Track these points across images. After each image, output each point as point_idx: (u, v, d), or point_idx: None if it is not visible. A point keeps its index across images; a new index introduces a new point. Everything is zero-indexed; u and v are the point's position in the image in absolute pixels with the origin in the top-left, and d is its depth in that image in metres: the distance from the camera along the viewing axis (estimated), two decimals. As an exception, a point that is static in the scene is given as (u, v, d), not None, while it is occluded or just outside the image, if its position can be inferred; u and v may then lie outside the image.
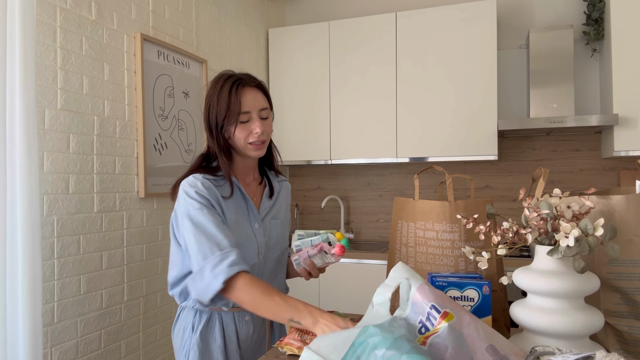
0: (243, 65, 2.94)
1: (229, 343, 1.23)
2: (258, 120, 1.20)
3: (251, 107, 1.19)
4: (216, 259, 1.07)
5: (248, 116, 1.19)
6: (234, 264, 1.06)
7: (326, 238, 1.21)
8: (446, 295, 0.82)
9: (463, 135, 2.79)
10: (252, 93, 1.20)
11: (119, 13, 1.95)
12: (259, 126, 1.19)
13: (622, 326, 0.94)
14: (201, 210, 1.13)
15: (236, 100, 1.17)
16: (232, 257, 1.08)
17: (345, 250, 1.17)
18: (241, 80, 1.20)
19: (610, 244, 0.81)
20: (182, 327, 1.26)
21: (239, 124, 1.19)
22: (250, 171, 1.31)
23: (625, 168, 2.83)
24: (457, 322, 0.77)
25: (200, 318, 1.23)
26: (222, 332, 1.23)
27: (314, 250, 1.20)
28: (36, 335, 1.43)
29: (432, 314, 0.78)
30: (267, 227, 1.30)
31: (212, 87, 1.22)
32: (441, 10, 2.83)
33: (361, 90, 3.00)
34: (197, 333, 1.22)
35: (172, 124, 2.23)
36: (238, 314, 1.25)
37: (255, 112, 1.20)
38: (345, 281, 2.78)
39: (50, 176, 1.64)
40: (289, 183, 1.46)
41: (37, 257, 1.45)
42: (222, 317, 1.24)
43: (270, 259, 1.29)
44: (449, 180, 1.16)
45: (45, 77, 1.63)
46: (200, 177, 1.19)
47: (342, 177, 3.40)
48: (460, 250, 1.12)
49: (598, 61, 2.85)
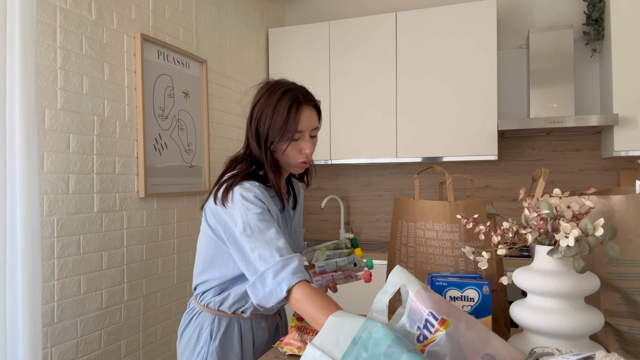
0: (243, 65, 2.94)
1: (246, 350, 1.23)
2: (309, 140, 1.17)
3: (306, 127, 1.16)
4: (278, 265, 1.03)
5: (300, 135, 1.16)
6: (297, 272, 1.03)
7: (352, 260, 1.20)
8: (444, 299, 0.82)
9: (463, 135, 2.79)
10: (309, 112, 1.17)
11: (119, 13, 1.95)
12: (310, 147, 1.17)
13: (622, 326, 0.94)
14: (262, 215, 1.09)
15: (295, 119, 1.13)
16: (294, 263, 1.04)
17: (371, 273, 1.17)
18: (302, 98, 1.16)
19: (610, 244, 0.81)
20: (195, 332, 1.22)
21: (292, 142, 1.16)
22: (284, 180, 1.30)
23: (625, 168, 2.83)
24: (454, 329, 0.76)
25: (220, 325, 1.21)
26: (240, 339, 1.22)
27: (340, 275, 1.20)
28: (36, 335, 1.43)
29: (429, 321, 0.78)
30: (294, 236, 1.30)
31: (266, 96, 1.17)
32: (441, 10, 2.83)
33: (361, 90, 3.00)
34: (216, 341, 1.19)
35: (172, 124, 2.23)
36: (256, 320, 1.25)
37: (308, 131, 1.17)
38: (345, 281, 2.78)
39: (50, 176, 1.64)
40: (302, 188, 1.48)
41: (37, 257, 1.45)
42: (240, 324, 1.23)
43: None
44: (449, 180, 1.16)
45: (45, 77, 1.63)
46: (257, 185, 1.15)
47: (342, 177, 3.40)
48: (460, 250, 1.12)
49: (598, 61, 2.85)
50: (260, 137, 1.17)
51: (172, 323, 2.22)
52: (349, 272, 1.18)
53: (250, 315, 1.23)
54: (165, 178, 2.17)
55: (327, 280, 1.20)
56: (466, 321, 0.79)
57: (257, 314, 1.23)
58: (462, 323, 0.78)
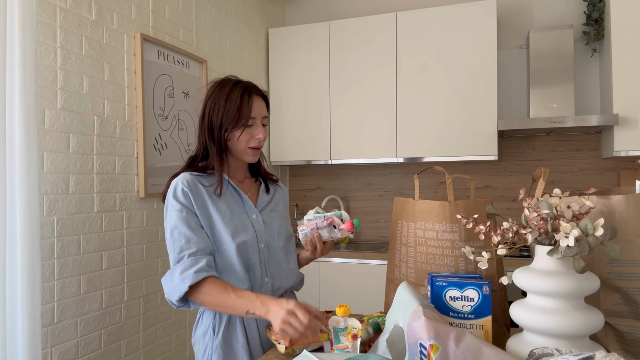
0: (243, 65, 2.94)
1: (252, 341, 1.25)
2: (261, 126, 1.28)
3: (258, 114, 1.27)
4: (187, 263, 1.15)
5: (253, 122, 1.26)
6: (201, 270, 1.13)
7: (339, 215, 1.26)
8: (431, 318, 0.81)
9: (463, 135, 2.79)
10: (259, 101, 1.28)
11: (119, 13, 1.95)
12: (262, 132, 1.27)
13: (622, 326, 0.94)
14: (180, 212, 1.20)
15: (248, 106, 1.24)
16: (201, 263, 1.14)
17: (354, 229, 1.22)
18: (251, 88, 1.28)
19: (610, 244, 0.81)
20: (202, 331, 1.27)
21: (246, 128, 1.25)
22: (241, 171, 1.36)
23: (625, 168, 2.83)
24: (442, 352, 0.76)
25: (221, 320, 1.24)
26: (244, 331, 1.24)
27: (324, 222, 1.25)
28: (36, 335, 1.43)
29: (422, 351, 0.78)
30: (267, 217, 1.35)
31: (218, 90, 1.27)
32: (441, 10, 2.83)
33: (361, 90, 3.00)
34: (219, 335, 1.23)
35: (172, 124, 2.23)
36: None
37: (259, 118, 1.28)
38: (345, 281, 2.78)
39: (50, 176, 1.64)
40: (286, 187, 1.53)
41: (37, 257, 1.45)
42: (243, 317, 1.24)
43: (275, 247, 1.33)
44: (449, 180, 1.16)
45: (45, 77, 1.63)
46: (188, 176, 1.24)
47: (342, 177, 3.40)
48: (460, 250, 1.12)
49: (598, 61, 2.85)
50: (214, 127, 1.25)
51: (172, 323, 2.22)
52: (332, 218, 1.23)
53: None
54: (165, 178, 2.17)
55: (311, 228, 1.27)
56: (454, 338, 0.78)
57: None
58: (451, 342, 0.77)
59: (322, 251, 1.32)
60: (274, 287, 1.30)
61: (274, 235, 1.34)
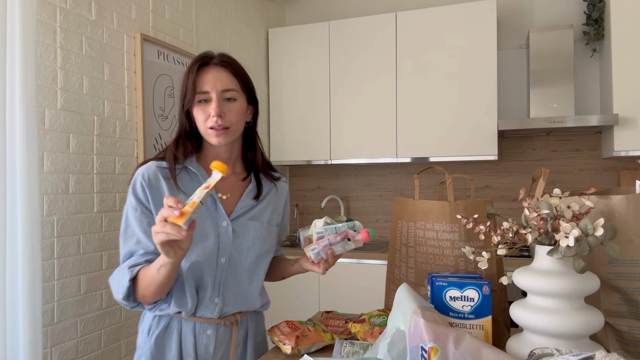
0: (243, 65, 2.93)
1: (186, 355, 1.12)
2: (217, 101, 1.08)
3: (211, 87, 1.09)
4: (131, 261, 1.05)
5: (207, 96, 1.09)
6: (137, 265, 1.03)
7: (352, 226, 1.10)
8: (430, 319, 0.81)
9: (463, 135, 2.79)
10: (215, 73, 1.10)
11: (119, 13, 1.95)
12: (216, 107, 1.08)
13: (622, 326, 0.94)
14: (135, 211, 1.08)
15: (198, 78, 1.09)
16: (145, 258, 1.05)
17: (370, 239, 1.09)
18: (206, 58, 1.12)
19: (610, 244, 0.81)
20: (140, 330, 1.17)
21: (198, 105, 1.10)
22: (226, 164, 1.18)
23: (625, 168, 2.83)
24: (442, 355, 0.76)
25: (159, 323, 1.13)
26: (178, 341, 1.12)
27: (337, 238, 1.08)
28: (36, 335, 1.43)
29: (423, 355, 0.78)
30: (241, 227, 1.15)
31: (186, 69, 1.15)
32: (441, 10, 2.83)
33: (361, 90, 3.00)
34: (152, 338, 1.12)
35: (172, 124, 2.23)
36: (200, 325, 1.12)
37: (216, 92, 1.09)
38: (345, 281, 2.78)
39: (50, 176, 1.64)
40: (286, 185, 1.34)
41: (38, 257, 1.45)
42: (181, 325, 1.12)
43: (239, 264, 1.14)
44: (449, 180, 1.16)
45: (45, 77, 1.63)
46: (151, 168, 1.11)
47: (342, 177, 3.40)
48: (460, 250, 1.12)
49: (598, 61, 2.85)
50: (183, 110, 1.13)
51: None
52: (345, 231, 1.08)
53: (191, 317, 1.11)
54: (165, 178, 2.16)
55: (323, 246, 1.08)
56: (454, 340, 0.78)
57: (198, 316, 1.12)
58: (450, 344, 0.78)
59: (332, 265, 1.12)
60: (222, 311, 1.13)
61: (243, 249, 1.14)
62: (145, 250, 1.07)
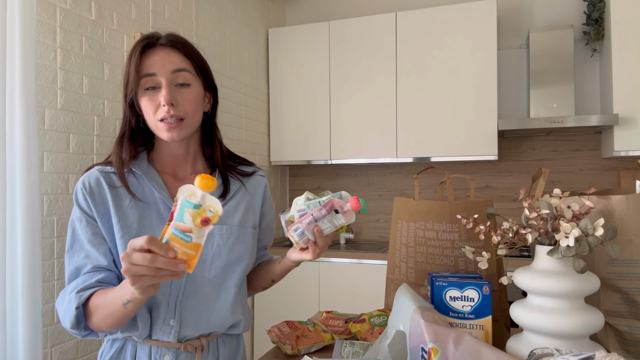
0: (243, 65, 2.93)
1: None
2: (167, 87, 0.91)
3: (158, 69, 0.91)
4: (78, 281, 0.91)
5: (154, 81, 0.92)
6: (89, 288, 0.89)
7: (339, 196, 0.91)
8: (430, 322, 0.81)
9: (463, 135, 2.79)
10: (163, 54, 0.93)
11: (119, 13, 1.95)
12: (166, 94, 0.90)
13: (622, 326, 0.94)
14: (80, 222, 0.94)
15: (141, 61, 0.91)
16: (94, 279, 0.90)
17: (362, 210, 0.90)
18: (154, 40, 0.94)
19: (610, 244, 0.81)
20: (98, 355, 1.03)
21: (144, 93, 0.92)
22: (184, 162, 1.03)
23: (625, 168, 2.83)
24: (442, 355, 0.77)
25: (112, 346, 0.98)
26: None
27: (322, 211, 0.89)
28: (36, 335, 1.43)
29: (424, 356, 0.78)
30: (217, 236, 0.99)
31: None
32: (441, 10, 2.83)
33: (361, 90, 3.00)
34: None
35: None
36: (156, 349, 0.96)
37: (165, 75, 0.91)
38: (345, 281, 2.78)
39: (50, 176, 1.64)
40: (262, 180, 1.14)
41: (38, 257, 1.45)
42: (136, 348, 0.97)
43: (200, 276, 0.97)
44: (449, 180, 1.16)
45: (45, 77, 1.63)
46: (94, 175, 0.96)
47: (342, 177, 3.40)
48: (460, 250, 1.12)
49: (598, 61, 2.85)
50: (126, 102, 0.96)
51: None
52: (331, 201, 0.89)
53: (146, 340, 0.96)
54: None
55: (307, 223, 0.89)
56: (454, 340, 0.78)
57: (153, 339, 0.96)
58: (450, 344, 0.78)
59: (322, 248, 0.92)
60: (180, 334, 0.95)
61: (206, 259, 0.97)
62: (94, 265, 0.92)
